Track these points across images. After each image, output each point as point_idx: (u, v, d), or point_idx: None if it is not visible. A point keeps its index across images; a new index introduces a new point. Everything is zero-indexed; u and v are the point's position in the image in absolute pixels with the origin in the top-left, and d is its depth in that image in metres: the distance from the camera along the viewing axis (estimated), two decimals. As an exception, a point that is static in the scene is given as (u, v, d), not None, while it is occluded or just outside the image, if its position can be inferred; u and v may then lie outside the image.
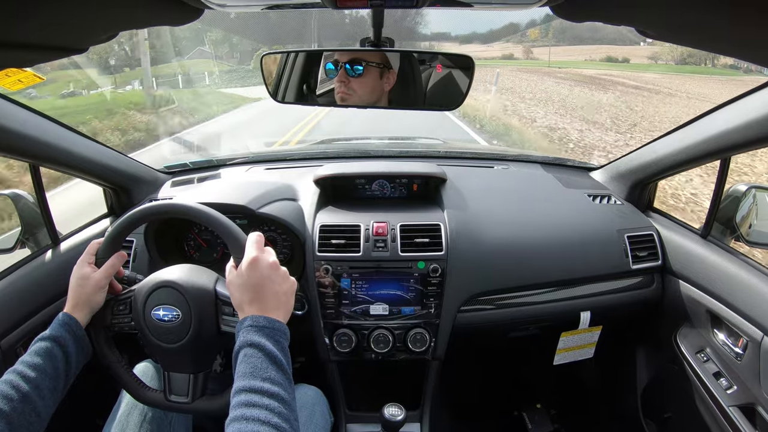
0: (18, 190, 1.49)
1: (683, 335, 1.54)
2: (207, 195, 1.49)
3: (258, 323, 0.85)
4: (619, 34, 30.96)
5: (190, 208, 1.04)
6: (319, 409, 1.28)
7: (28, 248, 1.48)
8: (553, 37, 40.18)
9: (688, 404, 1.48)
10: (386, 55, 1.12)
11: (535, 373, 2.22)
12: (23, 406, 0.85)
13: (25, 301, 1.35)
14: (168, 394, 1.04)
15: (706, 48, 0.60)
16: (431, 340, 1.46)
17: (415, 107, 1.22)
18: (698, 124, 1.40)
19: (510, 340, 1.68)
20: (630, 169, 1.76)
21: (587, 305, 1.57)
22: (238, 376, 0.80)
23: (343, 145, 2.91)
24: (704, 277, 1.46)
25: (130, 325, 1.05)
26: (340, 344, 1.45)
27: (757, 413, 1.27)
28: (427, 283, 1.44)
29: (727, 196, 1.49)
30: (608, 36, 34.85)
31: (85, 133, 1.50)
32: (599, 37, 36.34)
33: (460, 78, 1.14)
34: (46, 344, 0.93)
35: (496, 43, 41.30)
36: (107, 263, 1.04)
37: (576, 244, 1.57)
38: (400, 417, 1.29)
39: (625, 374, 1.85)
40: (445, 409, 2.04)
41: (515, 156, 2.16)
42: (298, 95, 1.24)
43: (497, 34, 41.28)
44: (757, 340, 1.25)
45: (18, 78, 1.01)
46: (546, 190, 1.80)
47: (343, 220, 1.51)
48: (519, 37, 41.45)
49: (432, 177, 1.67)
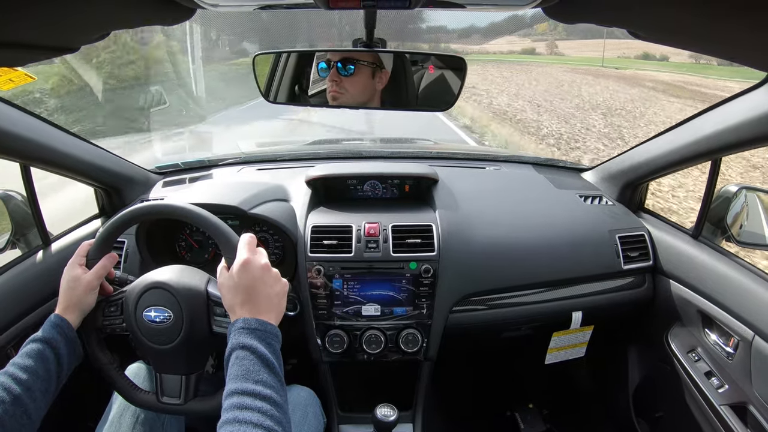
0: (8, 191, 1.48)
1: (675, 335, 1.55)
2: (199, 195, 1.49)
3: (250, 325, 0.84)
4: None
5: (182, 208, 1.03)
6: (312, 410, 1.28)
7: (18, 249, 1.47)
8: (563, 31, 38.84)
9: (680, 403, 1.49)
10: (379, 55, 1.12)
11: (527, 373, 2.23)
12: (14, 408, 0.84)
13: (16, 302, 1.33)
14: (160, 395, 1.04)
15: (696, 49, 0.61)
16: (423, 341, 1.46)
17: (408, 108, 1.22)
18: (689, 125, 1.41)
19: (502, 340, 1.68)
20: (621, 170, 1.77)
21: (579, 305, 1.58)
22: (229, 378, 0.79)
23: (334, 145, 2.91)
24: (695, 277, 1.47)
25: (121, 326, 1.04)
26: (332, 345, 1.45)
27: (749, 412, 1.28)
28: (419, 284, 1.44)
29: (717, 196, 1.50)
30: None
31: (76, 133, 1.49)
32: (611, 30, 33.08)
33: (452, 79, 1.14)
34: (38, 346, 0.92)
35: (501, 38, 40.41)
36: (98, 264, 1.03)
37: (568, 245, 1.57)
38: (393, 417, 1.28)
39: (617, 374, 1.86)
40: (437, 410, 2.05)
41: (507, 157, 2.17)
42: (290, 95, 1.25)
43: (498, 28, 40.34)
44: (748, 340, 1.26)
45: (9, 77, 1.01)
46: (538, 191, 1.81)
47: (335, 220, 1.51)
48: (526, 31, 40.67)
49: (424, 177, 1.67)
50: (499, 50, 40.33)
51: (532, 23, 37.31)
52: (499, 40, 41.07)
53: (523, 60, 34.39)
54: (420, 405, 1.56)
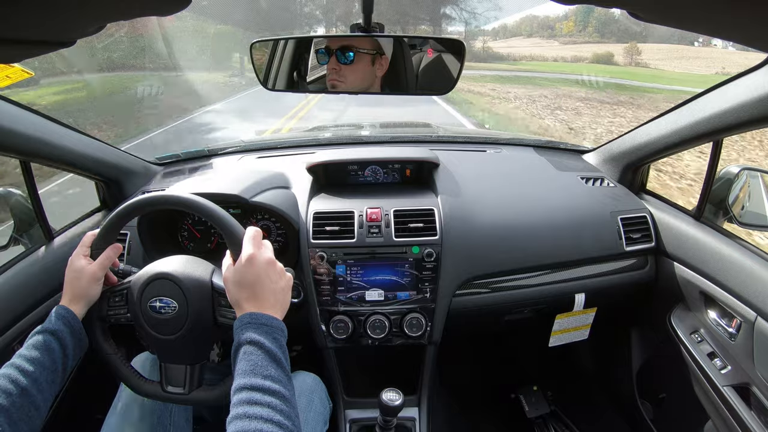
0: (9, 188, 1.48)
1: (677, 316, 1.56)
2: (200, 185, 1.49)
3: (257, 321, 0.85)
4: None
5: (187, 199, 1.03)
6: (318, 395, 1.29)
7: (21, 245, 1.47)
8: (595, 32, 32.01)
9: (683, 385, 1.49)
10: (378, 41, 1.11)
11: (531, 355, 2.24)
12: (22, 400, 0.85)
13: (20, 298, 1.34)
14: (165, 385, 1.04)
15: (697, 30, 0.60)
16: (427, 325, 1.47)
17: (408, 92, 1.21)
18: (691, 106, 1.40)
19: (506, 323, 1.69)
20: (623, 152, 1.76)
21: (582, 287, 1.58)
22: (238, 373, 0.80)
23: (335, 131, 2.90)
24: (697, 258, 1.47)
25: (126, 316, 1.05)
26: (337, 331, 1.46)
27: (752, 393, 1.29)
28: (422, 268, 1.45)
29: (719, 177, 1.49)
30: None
31: (75, 127, 1.48)
32: (651, 30, 24.21)
33: (451, 62, 1.13)
34: (44, 337, 0.93)
35: (529, 39, 33.30)
36: (102, 255, 1.04)
37: (570, 227, 1.57)
38: (398, 402, 1.29)
39: (620, 356, 1.87)
40: (442, 393, 2.06)
41: (508, 140, 2.15)
42: (288, 82, 1.23)
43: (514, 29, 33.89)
44: (751, 321, 1.26)
45: (6, 74, 1.00)
46: (539, 173, 1.80)
47: (337, 206, 1.51)
48: (550, 31, 33.54)
49: (425, 162, 1.67)
50: (537, 55, 31.31)
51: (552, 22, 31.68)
52: (524, 41, 34.02)
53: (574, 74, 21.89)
54: (425, 389, 1.58)
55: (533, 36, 34.29)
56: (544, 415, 2.01)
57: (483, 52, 30.75)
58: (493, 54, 31.39)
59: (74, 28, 0.60)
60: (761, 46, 0.58)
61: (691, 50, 26.53)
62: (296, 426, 0.76)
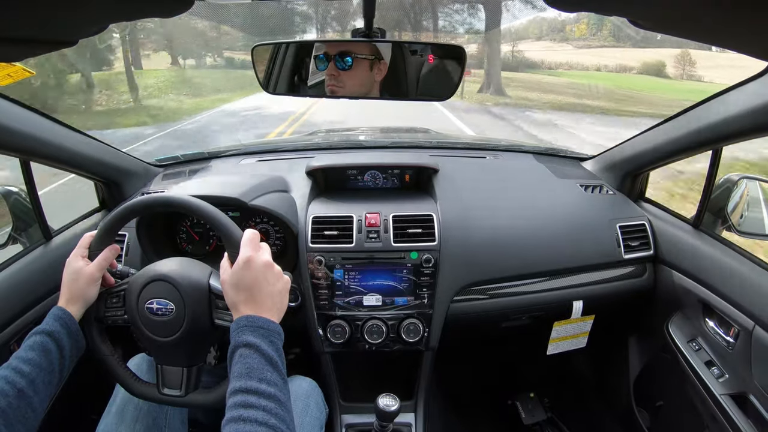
0: (8, 186, 1.48)
1: (675, 324, 1.55)
2: (199, 187, 1.49)
3: (253, 324, 0.85)
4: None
5: (186, 201, 1.03)
6: (314, 400, 1.28)
7: (20, 244, 1.47)
8: (610, 35, 28.53)
9: (680, 393, 1.49)
10: (377, 46, 1.11)
11: (528, 362, 2.24)
12: (18, 401, 0.84)
13: (18, 297, 1.33)
14: (161, 387, 1.04)
15: (697, 39, 0.60)
16: (425, 331, 1.47)
17: (407, 98, 1.21)
18: (690, 115, 1.40)
19: (503, 329, 1.69)
20: (622, 159, 1.76)
21: (580, 295, 1.58)
22: (233, 376, 0.80)
23: (334, 135, 2.90)
24: (696, 266, 1.47)
25: (123, 318, 1.05)
26: (334, 335, 1.46)
27: (749, 401, 1.28)
28: (420, 274, 1.45)
29: (718, 186, 1.49)
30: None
31: (75, 127, 1.48)
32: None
33: (453, 68, 1.14)
34: (41, 338, 0.92)
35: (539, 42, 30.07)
36: (100, 256, 1.03)
37: (568, 234, 1.58)
38: (395, 407, 1.29)
39: (617, 363, 1.87)
40: (439, 399, 2.06)
41: (507, 146, 2.16)
42: (289, 86, 1.24)
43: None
44: (749, 329, 1.26)
45: (7, 72, 1.00)
46: (538, 180, 1.80)
47: (336, 211, 1.51)
48: (561, 34, 30.28)
49: (424, 167, 1.67)
50: (575, 63, 26.77)
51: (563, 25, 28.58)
52: (534, 44, 29.79)
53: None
54: (422, 394, 1.57)
55: (543, 39, 31.40)
56: (540, 422, 2.00)
57: (512, 58, 25.80)
58: (522, 60, 26.36)
59: (77, 28, 0.60)
60: (761, 54, 0.58)
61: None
62: (291, 430, 0.76)
